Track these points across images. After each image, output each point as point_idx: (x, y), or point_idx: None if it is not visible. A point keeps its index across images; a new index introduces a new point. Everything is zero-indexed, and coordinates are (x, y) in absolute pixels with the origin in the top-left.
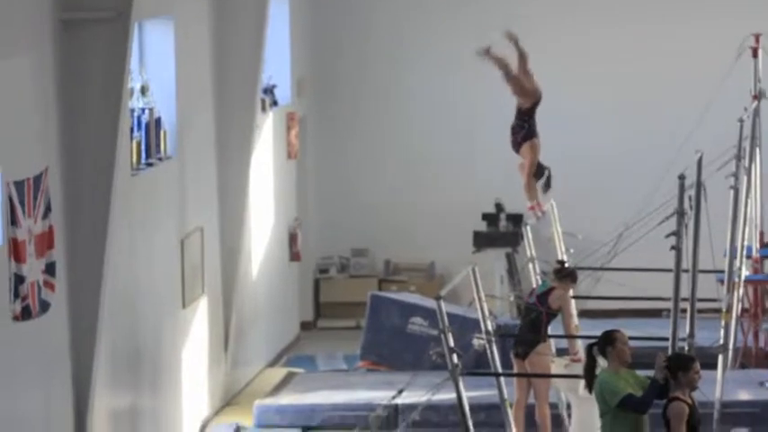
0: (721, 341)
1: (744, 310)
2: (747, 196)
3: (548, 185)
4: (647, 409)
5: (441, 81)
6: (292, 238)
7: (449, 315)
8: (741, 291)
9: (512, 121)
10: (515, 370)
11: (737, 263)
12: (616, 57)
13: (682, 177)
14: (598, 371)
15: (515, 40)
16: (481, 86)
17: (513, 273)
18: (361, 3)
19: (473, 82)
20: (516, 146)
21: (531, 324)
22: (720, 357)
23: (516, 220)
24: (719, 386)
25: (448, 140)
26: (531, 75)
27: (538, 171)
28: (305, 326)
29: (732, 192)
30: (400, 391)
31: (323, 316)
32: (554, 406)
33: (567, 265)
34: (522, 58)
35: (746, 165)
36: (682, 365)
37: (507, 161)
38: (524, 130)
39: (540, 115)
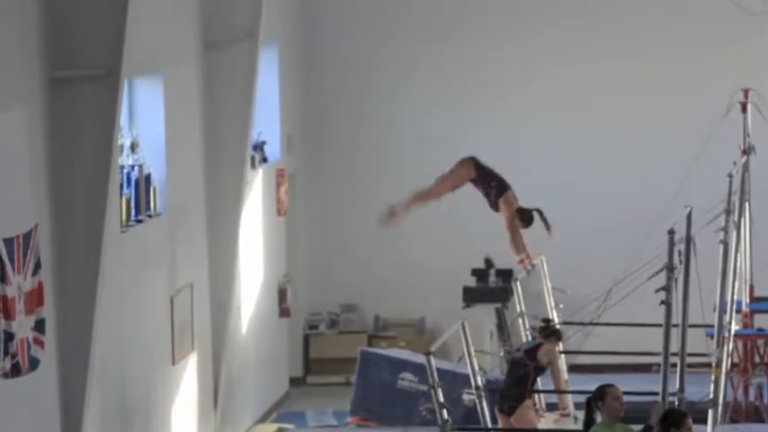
0: (711, 396)
1: (733, 365)
2: (737, 251)
3: (547, 226)
4: None
5: (430, 140)
6: (282, 294)
7: (439, 370)
8: (731, 345)
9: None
10: (500, 425)
11: (727, 317)
12: (605, 110)
13: (671, 232)
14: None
15: (406, 207)
16: (471, 147)
17: (502, 328)
18: (353, 61)
19: (464, 143)
20: (495, 207)
21: (519, 380)
22: (710, 412)
23: (506, 275)
24: None
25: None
26: (448, 176)
27: (527, 218)
28: (294, 382)
29: (722, 246)
30: None
31: (312, 372)
32: None
33: (552, 323)
34: (420, 198)
35: (736, 219)
36: (674, 421)
37: (496, 216)
38: (494, 189)
39: (528, 169)
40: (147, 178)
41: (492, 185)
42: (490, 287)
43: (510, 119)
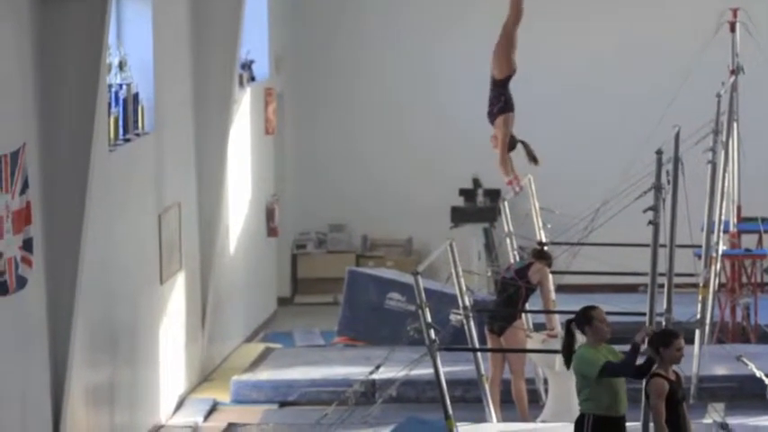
0: (698, 316)
1: (721, 285)
2: (725, 171)
3: (533, 159)
4: (629, 370)
5: (418, 57)
6: (270, 214)
7: (426, 290)
8: (718, 266)
9: (488, 93)
10: (489, 346)
11: (715, 238)
12: (592, 32)
13: (659, 152)
14: (576, 346)
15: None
16: (458, 61)
17: (490, 248)
18: None
19: (450, 57)
20: (492, 117)
21: (509, 299)
22: (697, 332)
23: (493, 195)
24: (696, 361)
25: (426, 116)
26: (514, 45)
27: (510, 143)
28: (282, 301)
29: (710, 166)
30: (377, 367)
31: (300, 292)
32: (531, 381)
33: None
34: (518, 17)
35: (724, 139)
36: (663, 341)
37: (484, 136)
38: (500, 102)
39: (516, 90)
40: (135, 97)
41: (501, 98)
42: (478, 207)
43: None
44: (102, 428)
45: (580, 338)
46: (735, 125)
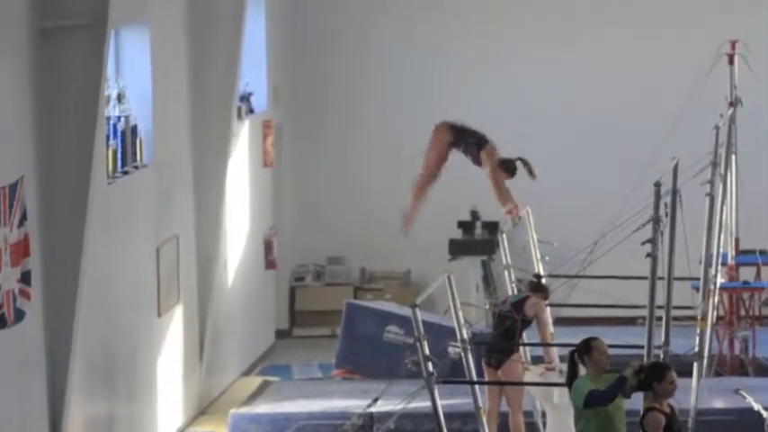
0: (696, 349)
1: (719, 318)
2: (723, 203)
3: (531, 173)
4: (610, 400)
5: (417, 88)
6: (268, 246)
7: (424, 323)
8: (716, 298)
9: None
10: (487, 379)
11: (713, 270)
12: (593, 61)
13: (657, 184)
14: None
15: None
16: (458, 92)
17: (488, 280)
18: (339, 11)
19: (450, 88)
20: (478, 162)
21: (505, 332)
22: (695, 365)
23: (492, 227)
24: (695, 394)
25: (423, 148)
26: (429, 150)
27: (510, 168)
28: (280, 334)
29: (708, 199)
30: (375, 400)
31: (298, 324)
32: (529, 414)
33: (543, 281)
34: (420, 191)
35: (722, 172)
36: (656, 375)
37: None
38: (473, 145)
39: (514, 122)
40: (134, 129)
41: (471, 143)
42: (476, 239)
43: (499, 73)
44: None
45: (582, 370)
46: (733, 157)
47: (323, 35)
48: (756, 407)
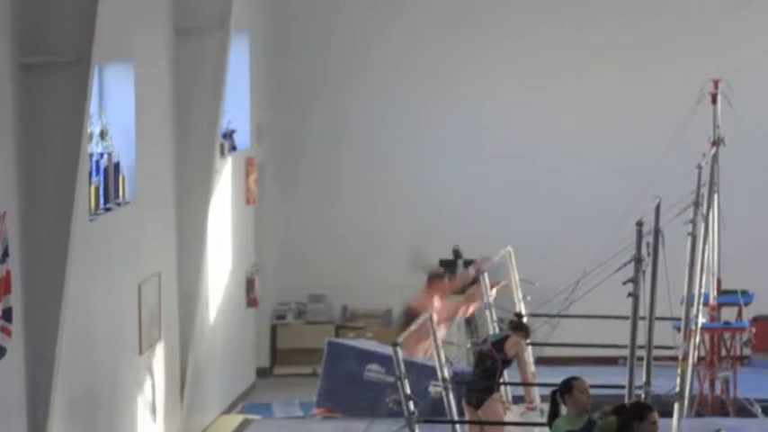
0: (677, 389)
1: (700, 358)
2: (705, 243)
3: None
4: None
5: (399, 128)
6: (250, 284)
7: (406, 362)
8: (698, 338)
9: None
10: (467, 418)
11: (694, 310)
12: (575, 102)
13: (639, 224)
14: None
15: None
16: (438, 134)
17: (470, 320)
18: (324, 51)
19: (429, 128)
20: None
21: (486, 371)
22: (677, 405)
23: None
24: None
25: (406, 187)
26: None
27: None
28: (261, 372)
29: (690, 238)
30: None
31: (279, 363)
32: None
33: (523, 317)
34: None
35: (704, 211)
36: (638, 414)
37: (464, 208)
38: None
39: (497, 160)
40: (117, 166)
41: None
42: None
43: (482, 115)
44: None
45: (563, 410)
46: (715, 197)
47: (306, 74)
48: None
